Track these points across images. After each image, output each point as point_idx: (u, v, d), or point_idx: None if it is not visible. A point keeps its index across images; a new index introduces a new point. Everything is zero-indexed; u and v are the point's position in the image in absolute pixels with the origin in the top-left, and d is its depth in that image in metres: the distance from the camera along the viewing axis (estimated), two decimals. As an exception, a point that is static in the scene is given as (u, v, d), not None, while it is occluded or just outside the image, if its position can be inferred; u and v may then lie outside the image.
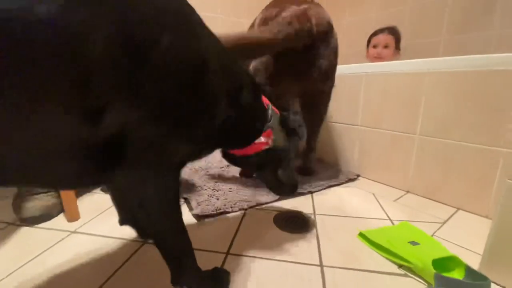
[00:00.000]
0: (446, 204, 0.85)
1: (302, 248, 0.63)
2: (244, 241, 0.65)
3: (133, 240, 0.65)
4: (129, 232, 0.68)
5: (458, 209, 0.83)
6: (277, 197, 0.86)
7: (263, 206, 0.83)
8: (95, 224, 0.73)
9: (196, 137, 0.43)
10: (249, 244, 0.64)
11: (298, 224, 0.73)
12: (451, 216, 0.79)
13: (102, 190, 0.95)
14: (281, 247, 0.63)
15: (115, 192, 0.52)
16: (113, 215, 0.77)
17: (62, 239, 0.66)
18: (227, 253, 0.61)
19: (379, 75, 0.96)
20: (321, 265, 0.57)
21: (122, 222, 0.60)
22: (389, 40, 1.43)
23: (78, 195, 0.85)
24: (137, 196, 0.38)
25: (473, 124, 0.76)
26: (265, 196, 0.86)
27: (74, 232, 0.70)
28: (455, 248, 0.63)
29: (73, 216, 0.76)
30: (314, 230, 0.70)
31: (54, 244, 0.64)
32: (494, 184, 0.75)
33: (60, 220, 0.75)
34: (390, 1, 1.67)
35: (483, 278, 0.48)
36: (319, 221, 0.75)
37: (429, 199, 0.89)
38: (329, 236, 0.68)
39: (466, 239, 0.66)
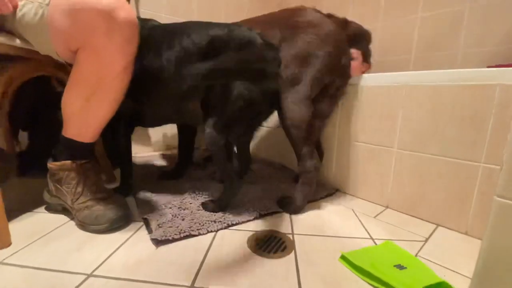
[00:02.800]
0: (425, 220, 0.83)
1: (279, 277, 0.55)
2: (213, 271, 0.56)
3: (76, 273, 0.53)
4: (72, 263, 0.56)
5: (438, 225, 0.80)
6: (252, 216, 0.78)
7: (236, 226, 0.74)
8: (30, 252, 0.60)
9: None
10: (218, 273, 0.55)
11: (275, 246, 0.66)
12: (432, 233, 0.76)
13: (46, 209, 0.80)
14: (256, 276, 0.55)
15: None
16: (53, 241, 0.64)
17: (-19, 274, 0.52)
18: (191, 286, 0.51)
19: (356, 87, 0.95)
20: (301, 297, 0.50)
21: None
22: (354, 53, 1.48)
23: (12, 216, 0.70)
24: None
25: (450, 138, 0.75)
26: (238, 215, 0.78)
27: (1, 263, 0.56)
28: (440, 269, 0.59)
29: (3, 242, 0.62)
30: (293, 253, 0.63)
31: (-33, 283, 0.50)
32: (473, 200, 0.73)
33: (-17, 249, 0.61)
34: (362, 19, 1.72)
35: (477, 307, 0.44)
36: (298, 242, 0.68)
37: (409, 215, 0.86)
38: (309, 260, 0.61)
39: (451, 260, 0.63)
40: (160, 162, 1.34)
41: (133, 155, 0.96)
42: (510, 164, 0.44)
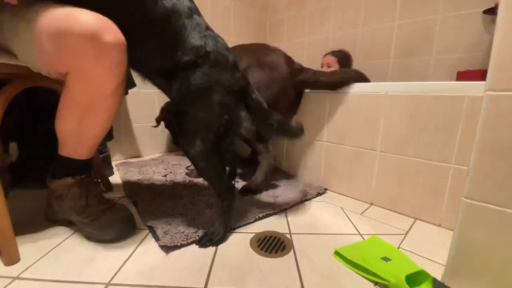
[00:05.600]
0: (405, 215, 0.93)
1: (283, 274, 0.61)
2: (222, 272, 0.61)
3: (95, 283, 0.57)
4: (88, 274, 0.59)
5: (416, 219, 0.90)
6: (252, 219, 0.84)
7: (238, 229, 0.80)
8: (44, 266, 0.62)
9: None
10: (228, 275, 0.61)
11: (275, 246, 0.72)
12: (411, 227, 0.85)
13: (47, 218, 0.81)
14: (262, 275, 0.61)
15: None
16: (64, 253, 0.67)
17: (4, 287, 0.55)
18: (206, 288, 0.56)
19: (343, 95, 1.02)
20: (303, 291, 0.57)
21: None
22: (331, 60, 1.66)
23: (15, 230, 0.71)
24: None
25: (426, 142, 0.85)
26: (239, 219, 0.84)
27: (18, 277, 0.58)
28: (419, 259, 0.68)
29: (12, 258, 0.64)
30: (292, 252, 0.70)
31: (-10, 299, 0.52)
32: (445, 196, 0.83)
33: (-5, 265, 0.62)
34: (344, 25, 1.81)
35: (449, 290, 0.53)
36: (295, 241, 0.75)
37: (391, 210, 0.96)
38: (307, 256, 0.68)
39: (427, 250, 0.72)
40: (154, 168, 1.36)
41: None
42: (475, 171, 0.53)
